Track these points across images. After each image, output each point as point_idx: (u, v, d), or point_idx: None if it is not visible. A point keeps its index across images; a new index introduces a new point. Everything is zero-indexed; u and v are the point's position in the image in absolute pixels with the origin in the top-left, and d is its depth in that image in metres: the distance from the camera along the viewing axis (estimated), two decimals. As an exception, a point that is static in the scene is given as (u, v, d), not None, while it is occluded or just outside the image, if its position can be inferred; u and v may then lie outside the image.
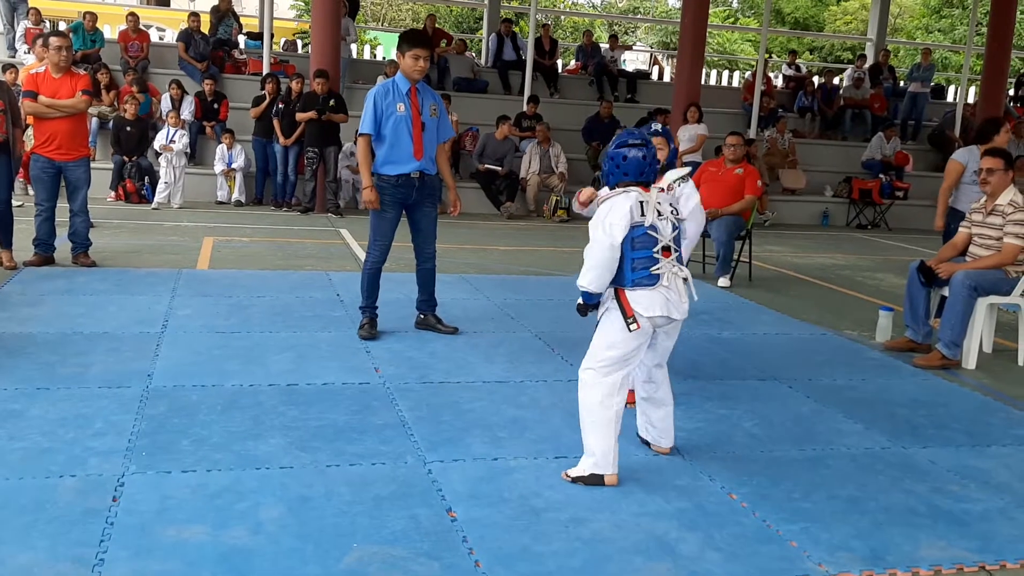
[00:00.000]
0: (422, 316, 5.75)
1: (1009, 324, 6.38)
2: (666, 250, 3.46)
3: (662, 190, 3.58)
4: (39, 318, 5.49)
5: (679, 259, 3.55)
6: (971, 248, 5.80)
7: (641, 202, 3.42)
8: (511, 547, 2.96)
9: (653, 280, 3.44)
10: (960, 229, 5.95)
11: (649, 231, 3.42)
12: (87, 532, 2.89)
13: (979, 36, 18.13)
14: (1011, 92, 18.67)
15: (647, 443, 3.87)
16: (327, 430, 3.89)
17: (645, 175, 3.51)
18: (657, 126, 4.56)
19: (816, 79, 17.60)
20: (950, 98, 19.38)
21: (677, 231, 3.54)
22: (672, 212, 3.52)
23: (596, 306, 3.58)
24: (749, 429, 4.24)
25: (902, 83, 17.41)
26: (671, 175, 3.89)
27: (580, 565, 2.87)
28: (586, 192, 4.02)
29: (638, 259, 3.41)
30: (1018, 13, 16.10)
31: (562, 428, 4.10)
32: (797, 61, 18.49)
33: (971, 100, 17.33)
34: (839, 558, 3.03)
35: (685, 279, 3.55)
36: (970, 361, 5.63)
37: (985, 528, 3.34)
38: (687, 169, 4.18)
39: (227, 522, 3.01)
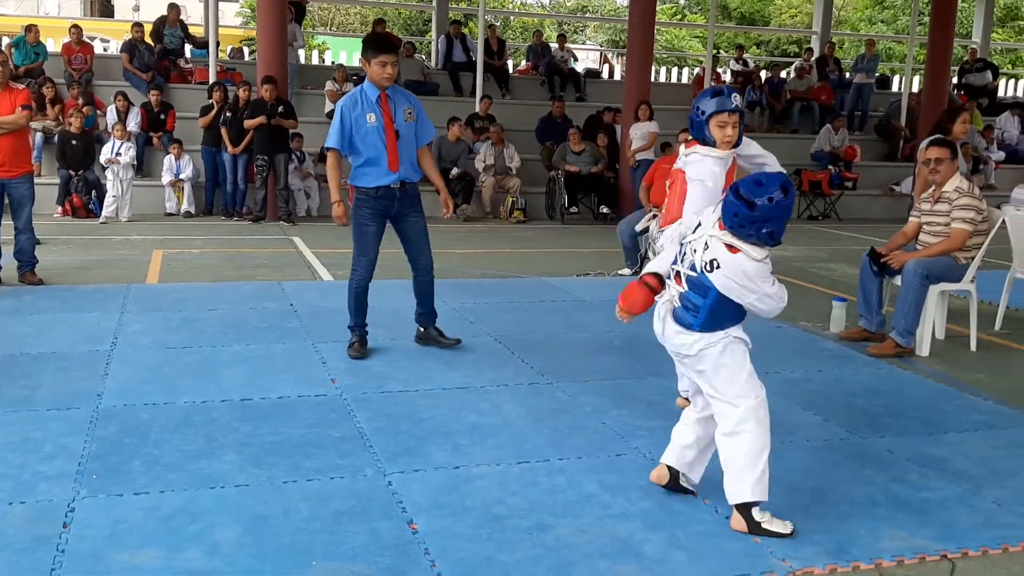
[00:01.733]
0: (422, 330, 5.51)
1: (961, 310, 6.47)
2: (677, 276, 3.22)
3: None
4: (-17, 340, 5.34)
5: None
6: (921, 236, 5.87)
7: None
8: (474, 557, 2.92)
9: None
10: (910, 218, 6.02)
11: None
12: (37, 560, 2.81)
13: (922, 26, 18.42)
14: (955, 80, 19.03)
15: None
16: (283, 445, 3.82)
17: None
18: (736, 100, 3.98)
19: (763, 73, 17.78)
20: (895, 88, 19.68)
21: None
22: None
23: None
24: (710, 426, 4.23)
25: (847, 75, 17.65)
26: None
27: (544, 572, 2.84)
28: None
29: None
30: (959, 2, 16.39)
31: (525, 433, 4.07)
32: (745, 56, 18.65)
33: (916, 89, 17.61)
34: (803, 552, 3.03)
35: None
36: (924, 348, 5.70)
37: (945, 516, 3.36)
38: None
39: (181, 544, 2.94)
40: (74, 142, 11.27)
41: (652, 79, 14.35)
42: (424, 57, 17.19)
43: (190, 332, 5.63)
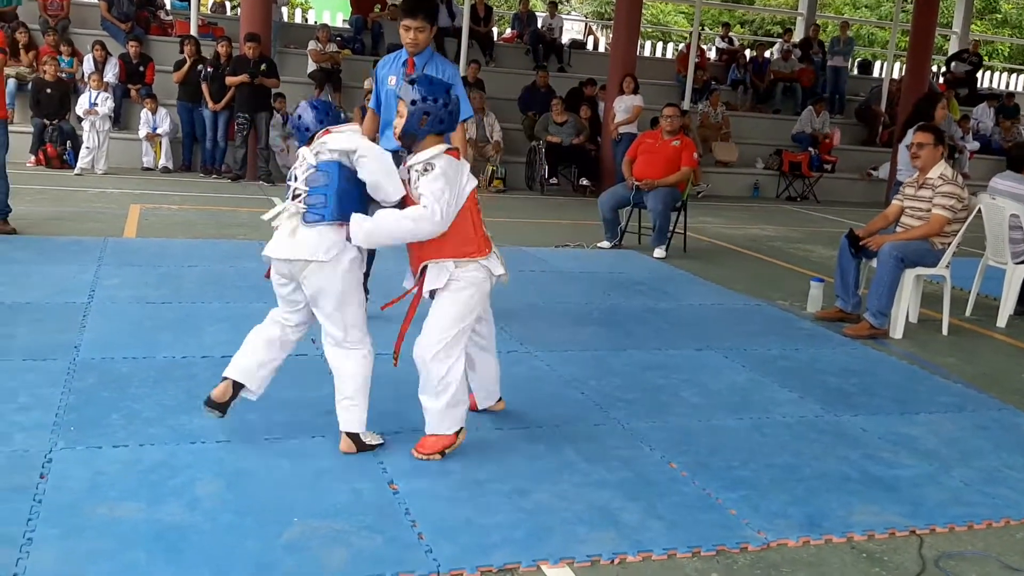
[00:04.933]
0: None
1: (934, 295, 6.56)
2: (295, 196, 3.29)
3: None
4: (-44, 288, 5.26)
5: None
6: (902, 219, 5.94)
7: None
8: (454, 519, 2.94)
9: None
10: (893, 202, 6.08)
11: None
12: (13, 511, 2.79)
13: (905, 13, 18.47)
14: (941, 68, 19.14)
15: None
16: (264, 403, 3.79)
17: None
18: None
19: (748, 52, 17.79)
20: (876, 73, 19.77)
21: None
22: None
23: None
24: (687, 398, 4.29)
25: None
26: None
27: (523, 536, 2.86)
28: None
29: None
30: (942, -10, 16.44)
31: (504, 399, 4.08)
32: (730, 34, 18.64)
33: (896, 76, 17.70)
34: (777, 525, 3.08)
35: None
36: (897, 331, 5.78)
37: (915, 493, 3.43)
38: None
39: (162, 498, 2.93)
40: (49, 90, 11.08)
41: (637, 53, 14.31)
42: (408, 20, 16.99)
43: (169, 288, 5.59)
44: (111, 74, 11.94)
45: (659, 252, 8.02)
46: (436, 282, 3.39)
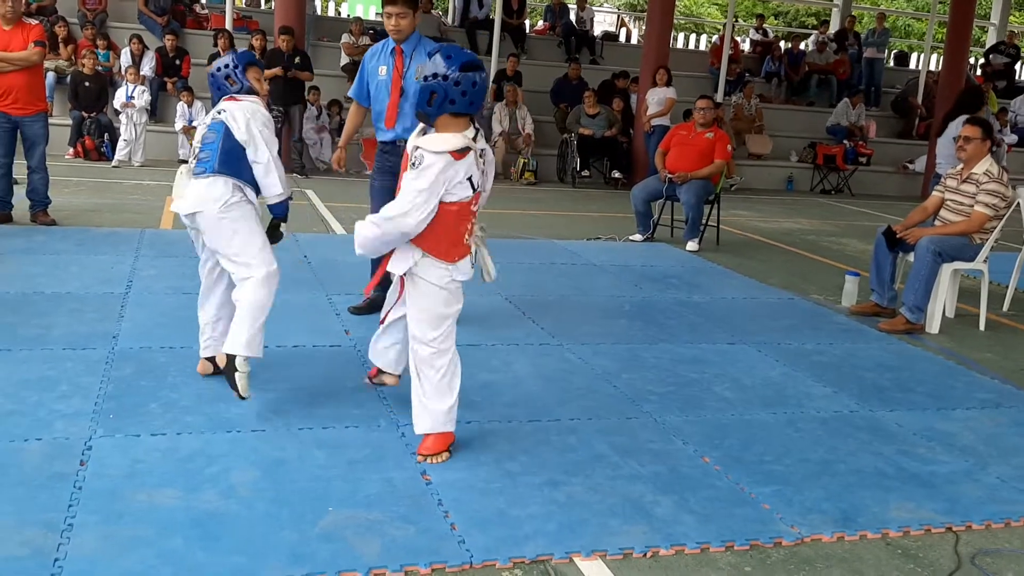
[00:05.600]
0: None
1: (971, 290, 6.48)
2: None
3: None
4: (-2, 278, 5.36)
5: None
6: (942, 212, 5.87)
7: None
8: (487, 510, 2.95)
9: None
10: (933, 193, 6.01)
11: None
12: (55, 497, 2.84)
13: (942, 4, 18.20)
14: (979, 60, 18.84)
15: None
16: (298, 393, 3.85)
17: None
18: None
19: (783, 44, 17.62)
20: (912, 65, 19.51)
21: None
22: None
23: None
24: (720, 392, 4.27)
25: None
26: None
27: (556, 528, 2.87)
28: None
29: None
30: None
31: (535, 392, 4.10)
32: (764, 26, 18.48)
33: (933, 68, 17.46)
34: (811, 520, 3.07)
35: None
36: (933, 326, 5.71)
37: (952, 490, 3.39)
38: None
39: (199, 486, 2.97)
40: (87, 83, 11.22)
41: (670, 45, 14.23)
42: (441, 13, 17.04)
43: (204, 279, 5.63)
44: (148, 67, 12.06)
45: (692, 245, 7.98)
46: (399, 265, 3.22)
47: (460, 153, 3.15)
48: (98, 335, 4.44)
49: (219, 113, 3.65)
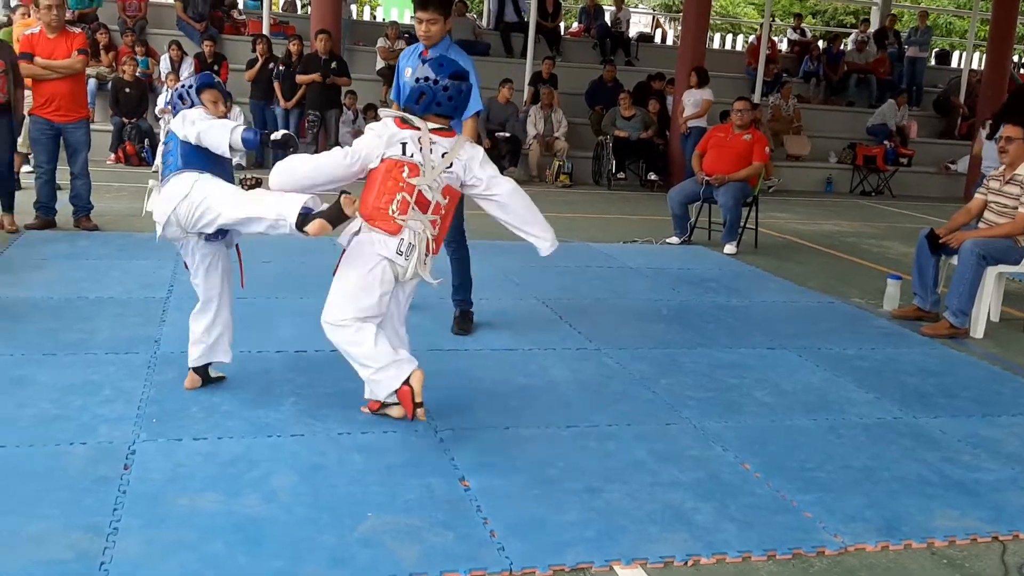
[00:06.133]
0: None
1: (1017, 293, 6.36)
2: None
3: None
4: (42, 282, 5.44)
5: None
6: (986, 214, 5.77)
7: None
8: (526, 517, 2.95)
9: None
10: (976, 195, 5.92)
11: None
12: (100, 500, 2.88)
13: (984, 1, 17.92)
14: (1022, 59, 18.52)
15: None
16: (337, 398, 3.86)
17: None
18: None
19: (821, 43, 17.43)
20: (954, 64, 19.21)
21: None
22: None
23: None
24: (760, 398, 4.22)
25: (906, 48, 17.26)
26: None
27: (595, 535, 2.86)
28: None
29: None
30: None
31: (573, 397, 4.08)
32: (802, 25, 18.30)
33: (976, 66, 17.18)
34: (854, 528, 3.02)
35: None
36: (978, 330, 5.61)
37: (997, 498, 3.33)
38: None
39: (240, 490, 3.00)
40: (128, 90, 11.38)
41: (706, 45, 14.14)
42: (476, 16, 17.08)
43: (245, 283, 5.68)
44: (186, 73, 12.19)
45: (730, 248, 7.92)
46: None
47: (407, 124, 3.51)
48: (140, 339, 4.49)
49: (175, 123, 3.71)
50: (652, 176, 12.70)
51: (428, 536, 2.79)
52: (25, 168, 8.40)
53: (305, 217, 3.38)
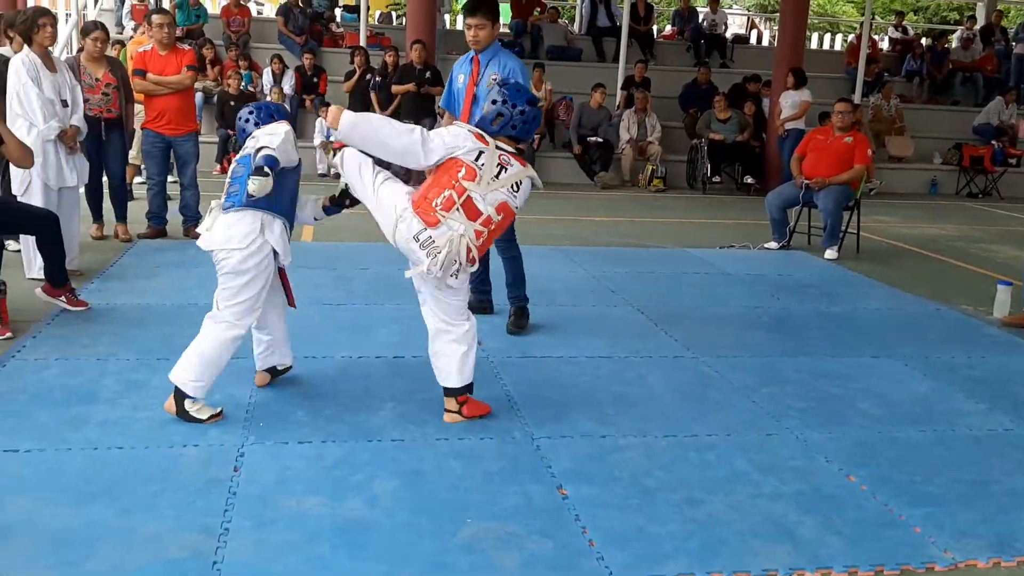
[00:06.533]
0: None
1: None
2: None
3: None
4: (155, 290, 5.67)
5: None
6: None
7: None
8: (625, 527, 2.94)
9: None
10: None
11: None
12: (211, 502, 2.98)
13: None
14: None
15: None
16: (434, 403, 3.91)
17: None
18: None
19: (924, 41, 16.89)
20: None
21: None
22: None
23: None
24: (865, 409, 4.11)
25: (1014, 45, 16.58)
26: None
27: (696, 547, 2.83)
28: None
29: None
30: None
31: (671, 406, 4.05)
32: (904, 23, 17.75)
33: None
34: (965, 545, 2.93)
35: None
36: (1097, 339, 5.37)
37: (1120, 516, 3.18)
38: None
39: (344, 494, 3.07)
40: (232, 103, 11.74)
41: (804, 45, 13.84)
42: (568, 22, 17.08)
43: (344, 290, 5.83)
44: (288, 85, 12.56)
45: (831, 253, 7.74)
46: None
47: (484, 139, 3.57)
48: (246, 345, 4.60)
49: (245, 149, 3.73)
50: (748, 180, 12.49)
51: (528, 544, 2.80)
52: (137, 179, 8.78)
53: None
